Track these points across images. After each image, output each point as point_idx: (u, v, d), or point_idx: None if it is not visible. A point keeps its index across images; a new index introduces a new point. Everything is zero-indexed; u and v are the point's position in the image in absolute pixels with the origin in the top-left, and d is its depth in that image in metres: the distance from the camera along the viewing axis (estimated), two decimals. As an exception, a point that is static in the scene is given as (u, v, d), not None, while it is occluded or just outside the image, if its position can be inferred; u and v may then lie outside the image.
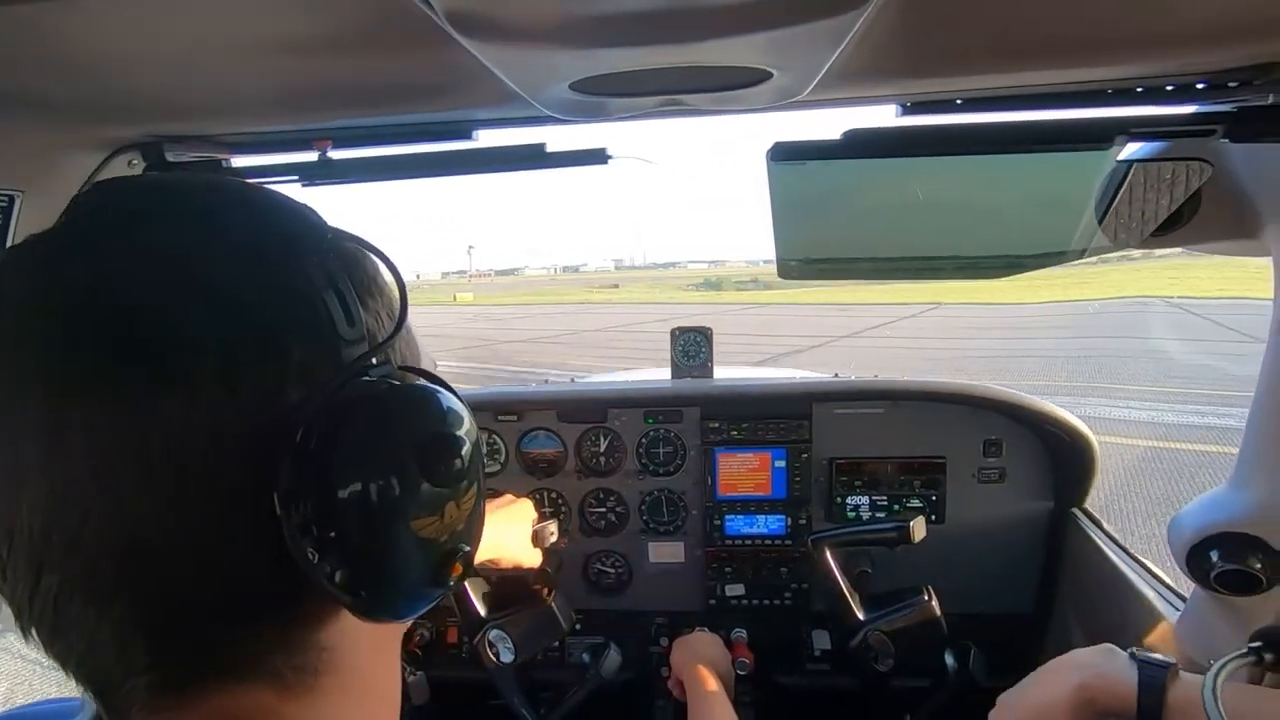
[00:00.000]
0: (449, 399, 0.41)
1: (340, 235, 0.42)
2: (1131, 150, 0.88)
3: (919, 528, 1.23)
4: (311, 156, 0.89)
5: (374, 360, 0.40)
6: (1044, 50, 0.69)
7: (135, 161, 0.88)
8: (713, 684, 1.21)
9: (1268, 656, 0.42)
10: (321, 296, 0.38)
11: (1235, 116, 0.75)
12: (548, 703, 1.34)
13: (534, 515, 1.17)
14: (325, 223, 0.43)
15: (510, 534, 1.12)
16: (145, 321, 0.35)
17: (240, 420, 0.35)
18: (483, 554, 1.01)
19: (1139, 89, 0.78)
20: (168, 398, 0.34)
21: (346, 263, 0.41)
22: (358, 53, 0.62)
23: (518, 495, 1.21)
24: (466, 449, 0.40)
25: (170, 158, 0.89)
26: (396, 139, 0.89)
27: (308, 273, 0.38)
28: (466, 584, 1.26)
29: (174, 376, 0.34)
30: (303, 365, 0.37)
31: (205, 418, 0.34)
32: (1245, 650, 0.42)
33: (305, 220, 0.42)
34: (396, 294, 0.44)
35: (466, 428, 0.41)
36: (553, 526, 1.17)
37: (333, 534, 0.35)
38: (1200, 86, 0.76)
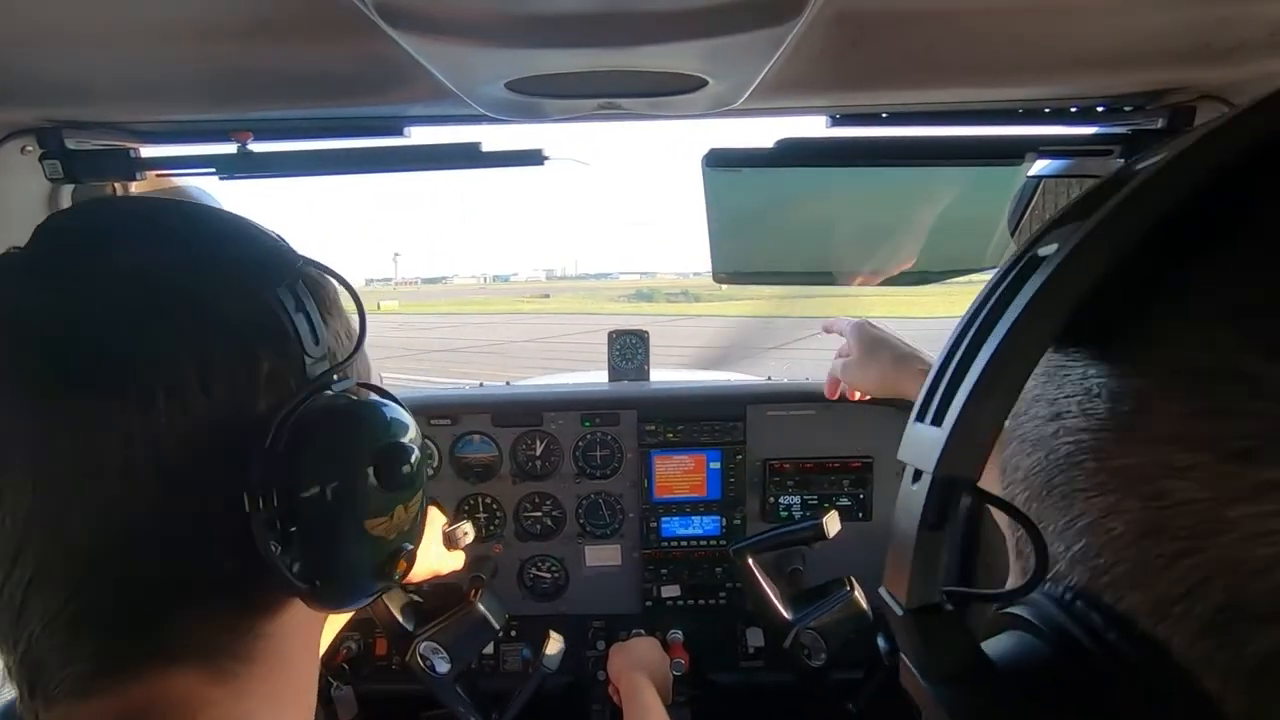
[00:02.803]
0: (399, 412, 0.46)
1: (308, 261, 0.46)
2: (1040, 167, 0.94)
3: (832, 522, 1.26)
4: (230, 149, 0.84)
5: (335, 376, 0.44)
6: (962, 70, 0.73)
7: (30, 148, 0.81)
8: (648, 691, 1.21)
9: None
10: (291, 316, 0.42)
11: (1130, 138, 0.82)
12: (491, 708, 1.30)
13: (441, 519, 1.14)
14: (294, 249, 0.46)
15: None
16: (131, 333, 0.38)
17: (215, 424, 0.39)
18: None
19: (1046, 109, 0.83)
20: (149, 403, 0.37)
21: (312, 286, 0.45)
22: (282, 40, 0.59)
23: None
24: (415, 457, 0.45)
25: (71, 145, 0.83)
26: (323, 133, 0.86)
27: (279, 293, 0.42)
28: (386, 600, 1.22)
29: (156, 383, 0.37)
30: (271, 377, 0.41)
31: (183, 421, 0.38)
32: None
33: (277, 245, 0.46)
34: (355, 317, 0.48)
35: (414, 437, 0.46)
36: (466, 526, 1.13)
37: (294, 530, 0.40)
38: (1100, 110, 0.83)
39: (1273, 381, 0.20)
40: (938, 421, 0.25)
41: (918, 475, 0.26)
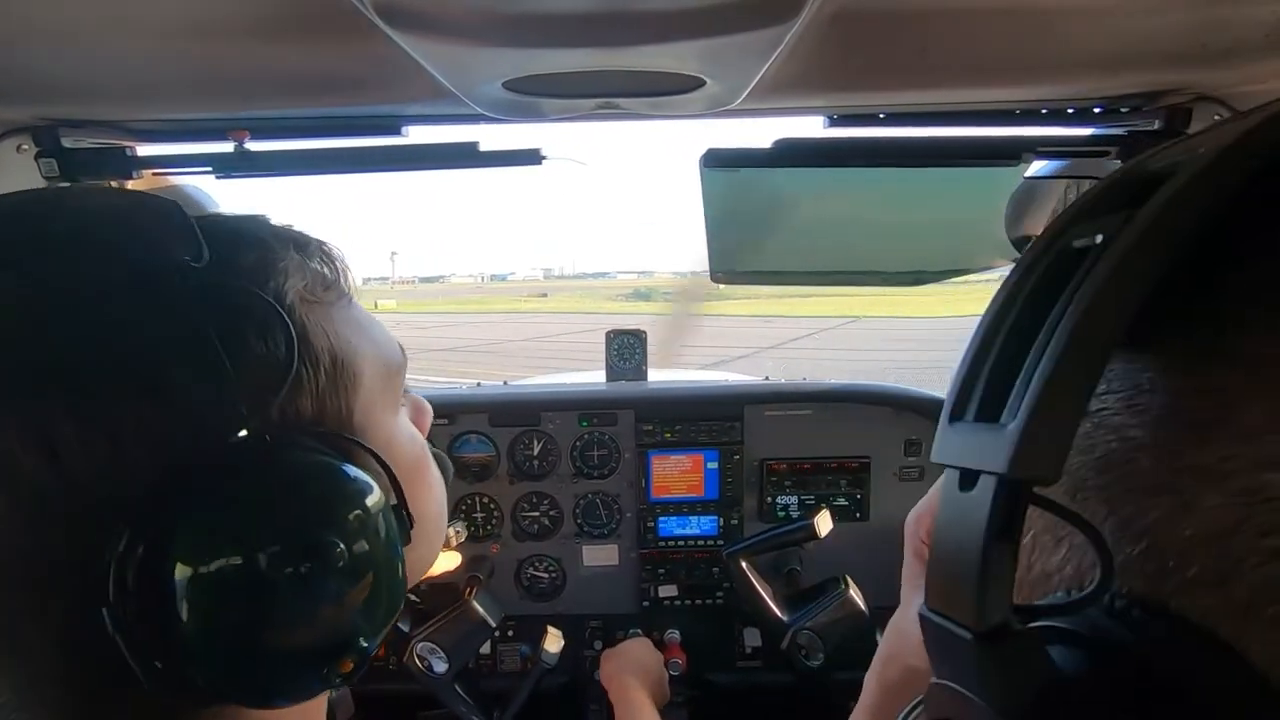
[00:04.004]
0: (339, 473, 0.35)
1: (216, 272, 0.34)
2: (1037, 168, 0.94)
3: (823, 522, 1.26)
4: (227, 147, 0.84)
5: (244, 419, 0.33)
6: (960, 71, 0.73)
7: (26, 146, 0.81)
8: (638, 694, 1.21)
9: None
10: (178, 348, 0.32)
11: (1127, 140, 0.82)
12: (491, 707, 1.31)
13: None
14: (197, 254, 0.35)
15: None
16: None
17: (63, 496, 0.31)
18: None
19: (1043, 110, 0.84)
20: None
21: (224, 308, 0.34)
22: (280, 39, 0.59)
23: None
24: (339, 549, 0.33)
25: (67, 143, 0.82)
26: (320, 132, 0.85)
27: (160, 322, 0.33)
28: None
29: None
30: (141, 432, 0.31)
31: (27, 495, 0.31)
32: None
33: (169, 255, 0.34)
34: (284, 346, 0.35)
35: (355, 510, 0.34)
36: (458, 526, 1.14)
37: (156, 623, 0.31)
38: (1097, 111, 0.83)
39: None
40: (994, 418, 0.22)
41: (973, 479, 0.23)
